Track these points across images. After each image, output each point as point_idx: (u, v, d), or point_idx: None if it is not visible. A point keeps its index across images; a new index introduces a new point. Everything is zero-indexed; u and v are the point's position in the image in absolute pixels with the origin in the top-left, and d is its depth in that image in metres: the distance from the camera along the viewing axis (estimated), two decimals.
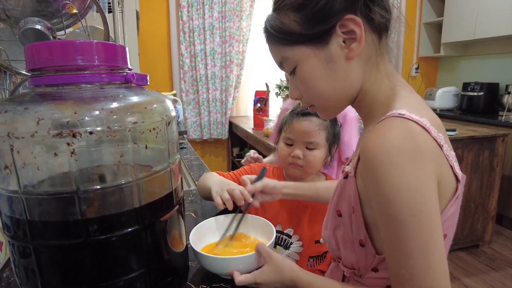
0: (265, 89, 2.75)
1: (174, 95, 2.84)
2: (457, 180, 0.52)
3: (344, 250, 0.62)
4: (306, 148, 0.96)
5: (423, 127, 0.47)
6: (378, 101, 0.56)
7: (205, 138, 3.36)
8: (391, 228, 0.47)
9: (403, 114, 0.48)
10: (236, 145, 3.49)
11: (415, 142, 0.46)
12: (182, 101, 3.18)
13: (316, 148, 0.96)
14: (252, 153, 1.33)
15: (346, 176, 0.58)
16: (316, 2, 0.51)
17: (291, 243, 1.00)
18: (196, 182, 1.37)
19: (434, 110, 3.41)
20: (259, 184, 0.85)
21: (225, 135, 3.39)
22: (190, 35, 3.09)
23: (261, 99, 2.70)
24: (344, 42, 0.52)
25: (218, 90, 3.25)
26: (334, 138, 1.00)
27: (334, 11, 0.51)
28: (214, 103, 3.28)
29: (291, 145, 0.98)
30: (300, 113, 0.97)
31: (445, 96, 3.46)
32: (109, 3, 1.39)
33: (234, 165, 3.46)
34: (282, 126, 1.03)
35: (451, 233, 0.54)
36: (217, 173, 1.03)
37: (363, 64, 0.55)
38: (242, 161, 1.36)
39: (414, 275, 0.45)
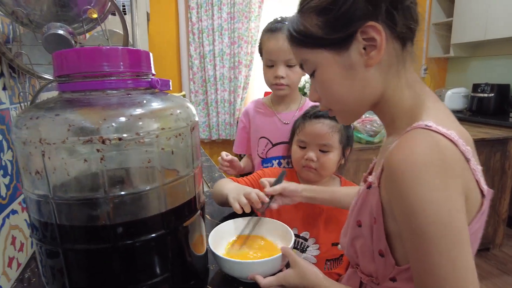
0: None
1: (183, 96, 2.85)
2: (483, 195, 0.51)
3: (362, 258, 0.62)
4: (320, 150, 0.96)
5: (451, 140, 0.46)
6: (401, 109, 0.56)
7: (213, 138, 3.37)
8: (417, 243, 0.46)
9: (430, 126, 0.47)
10: None
11: (443, 156, 0.46)
12: (191, 102, 3.20)
13: (329, 150, 0.96)
14: (224, 155, 1.24)
15: (369, 186, 0.58)
16: (339, 7, 0.50)
17: (308, 246, 1.00)
18: (208, 184, 1.38)
19: None
20: (278, 187, 0.85)
21: (233, 135, 3.39)
22: (199, 36, 3.10)
23: None
24: (364, 49, 0.52)
25: (227, 91, 3.26)
26: (347, 141, 1.00)
27: (356, 18, 0.50)
28: (223, 104, 3.29)
29: (304, 147, 0.98)
30: (312, 115, 0.97)
31: (455, 98, 3.42)
32: (123, 6, 1.41)
33: None
34: (295, 129, 1.03)
35: (474, 249, 0.53)
36: (231, 179, 1.03)
37: (383, 72, 0.54)
38: (219, 167, 1.31)
39: None
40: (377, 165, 0.59)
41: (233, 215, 0.88)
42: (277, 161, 1.22)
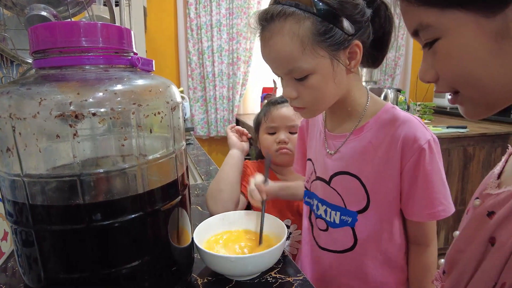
0: (272, 85, 2.74)
1: (182, 92, 2.83)
2: None
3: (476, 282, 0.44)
4: (289, 132, 1.00)
5: None
6: None
7: (212, 135, 3.35)
8: None
9: None
10: None
11: None
12: (189, 98, 3.18)
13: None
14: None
15: None
16: None
17: (290, 233, 1.00)
18: (202, 177, 1.36)
19: (444, 107, 3.36)
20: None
21: None
22: (198, 32, 3.08)
23: (268, 96, 2.68)
24: None
25: (225, 88, 3.24)
26: None
27: None
28: (221, 101, 3.27)
29: (274, 133, 1.01)
30: (275, 102, 1.02)
31: None
32: None
33: None
34: (260, 119, 1.05)
35: None
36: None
37: None
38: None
39: None
40: None
41: None
42: (324, 207, 0.76)
